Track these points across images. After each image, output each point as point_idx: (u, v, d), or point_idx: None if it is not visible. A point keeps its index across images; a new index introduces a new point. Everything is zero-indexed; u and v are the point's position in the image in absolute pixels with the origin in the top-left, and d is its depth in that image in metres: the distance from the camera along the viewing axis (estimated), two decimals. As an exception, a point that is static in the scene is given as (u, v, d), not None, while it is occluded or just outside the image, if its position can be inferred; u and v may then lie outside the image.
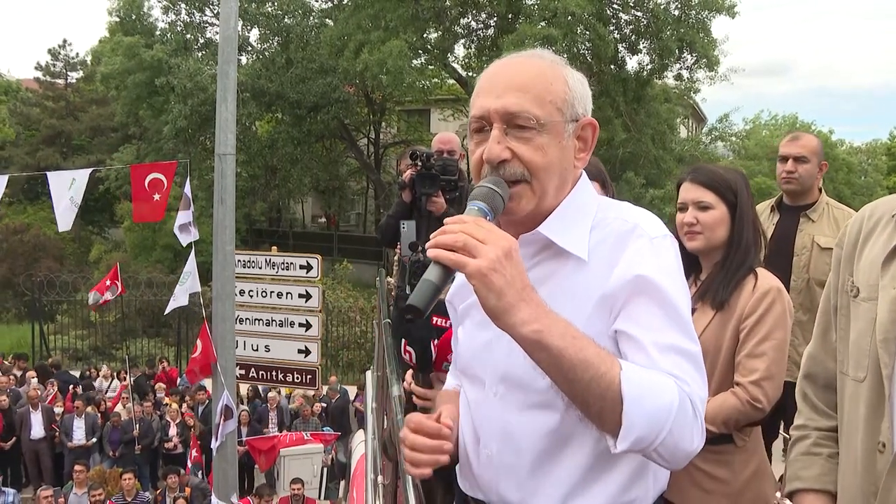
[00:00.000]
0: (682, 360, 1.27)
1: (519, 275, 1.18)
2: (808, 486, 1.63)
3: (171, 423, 11.67)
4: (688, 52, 24.48)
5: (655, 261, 1.33)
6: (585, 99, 1.44)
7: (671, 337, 1.28)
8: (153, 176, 7.42)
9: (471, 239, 1.18)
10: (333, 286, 20.56)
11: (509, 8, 24.02)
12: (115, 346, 19.37)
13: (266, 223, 34.97)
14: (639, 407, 1.19)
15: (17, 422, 11.47)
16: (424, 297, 1.20)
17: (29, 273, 20.37)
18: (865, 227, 1.58)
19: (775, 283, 2.32)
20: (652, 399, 1.20)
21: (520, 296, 1.18)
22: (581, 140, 1.44)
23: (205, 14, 29.55)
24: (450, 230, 1.20)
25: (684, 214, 2.41)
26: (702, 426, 1.25)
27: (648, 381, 1.21)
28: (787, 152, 3.66)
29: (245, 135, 26.50)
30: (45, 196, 28.69)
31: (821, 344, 1.69)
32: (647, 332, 1.28)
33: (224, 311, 7.34)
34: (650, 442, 1.20)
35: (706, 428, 2.19)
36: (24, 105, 36.72)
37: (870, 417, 1.47)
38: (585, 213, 1.43)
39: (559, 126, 1.38)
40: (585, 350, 1.19)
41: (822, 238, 3.53)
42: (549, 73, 1.39)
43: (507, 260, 1.17)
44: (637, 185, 24.27)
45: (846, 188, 34.33)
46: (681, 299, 1.32)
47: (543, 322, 1.18)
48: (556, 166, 1.38)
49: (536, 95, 1.36)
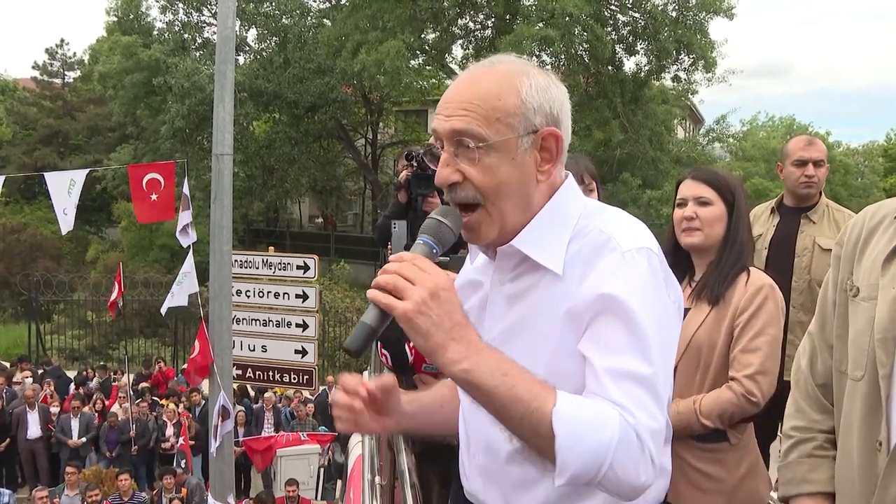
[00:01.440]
0: (636, 387, 1.21)
1: (447, 314, 1.18)
2: (819, 490, 1.62)
3: (167, 423, 11.65)
4: (685, 53, 24.52)
5: (625, 277, 1.26)
6: (547, 106, 1.34)
7: (628, 362, 1.22)
8: (151, 176, 7.42)
9: (400, 280, 1.19)
10: (330, 286, 20.55)
11: (507, 9, 24.03)
12: (112, 347, 19.35)
13: (263, 223, 34.95)
14: (572, 444, 1.16)
15: (13, 421, 11.44)
16: (357, 340, 1.22)
17: (26, 273, 20.32)
18: (867, 227, 1.59)
19: (767, 279, 2.36)
20: (587, 436, 1.16)
21: (448, 335, 1.18)
22: (545, 151, 1.35)
23: (202, 14, 29.53)
24: (387, 269, 1.21)
25: (683, 210, 2.44)
26: (650, 459, 1.19)
27: (585, 417, 1.18)
28: (808, 156, 3.65)
29: (242, 135, 26.49)
30: (41, 196, 28.73)
31: (820, 340, 1.69)
32: (603, 356, 1.24)
33: (221, 311, 7.34)
34: (590, 478, 1.18)
35: (703, 423, 2.24)
36: (21, 104, 36.67)
37: (867, 416, 1.48)
38: (564, 222, 1.36)
39: (510, 143, 1.31)
40: (516, 388, 1.18)
41: (823, 239, 3.54)
42: (498, 87, 1.32)
43: (433, 300, 1.17)
44: (634, 186, 24.29)
45: (843, 190, 34.36)
46: (648, 318, 1.24)
47: (472, 361, 1.17)
48: (509, 186, 1.33)
49: (482, 114, 1.30)
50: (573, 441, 1.16)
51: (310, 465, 10.95)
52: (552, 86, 1.36)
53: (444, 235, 1.32)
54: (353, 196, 35.50)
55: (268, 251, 10.82)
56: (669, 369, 1.31)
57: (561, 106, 1.37)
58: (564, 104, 1.38)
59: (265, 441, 11.08)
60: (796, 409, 1.74)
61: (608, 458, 1.16)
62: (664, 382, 1.25)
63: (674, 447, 2.27)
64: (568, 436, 1.16)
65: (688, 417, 2.26)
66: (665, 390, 1.26)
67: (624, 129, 24.23)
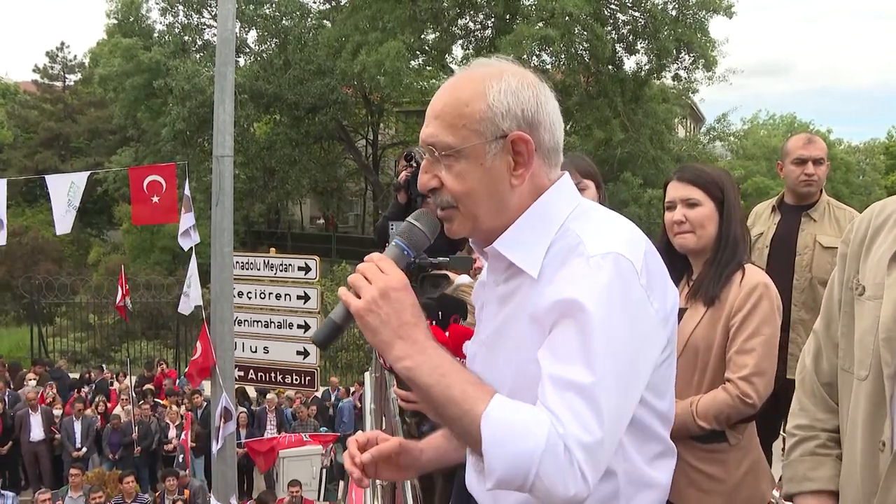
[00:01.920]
0: (575, 397, 1.18)
1: (396, 313, 1.24)
2: (822, 488, 1.61)
3: (170, 425, 11.66)
4: (685, 52, 24.55)
5: (586, 283, 1.22)
6: (518, 109, 1.31)
7: (573, 371, 1.19)
8: (152, 178, 7.43)
9: (360, 279, 1.27)
10: (332, 287, 20.54)
11: (507, 9, 24.05)
12: (114, 349, 19.37)
13: (264, 225, 34.99)
14: (497, 448, 1.17)
15: (16, 424, 11.46)
16: (321, 333, 1.32)
17: (28, 275, 20.34)
18: (873, 225, 1.57)
19: (762, 278, 2.33)
20: (512, 442, 1.17)
21: (396, 333, 1.23)
22: (518, 155, 1.32)
23: (202, 16, 29.57)
24: (357, 269, 1.29)
25: (673, 213, 2.41)
26: (580, 472, 1.16)
27: (514, 422, 1.18)
28: (807, 155, 3.64)
29: (243, 136, 26.52)
30: (43, 199, 28.70)
31: (825, 338, 1.69)
32: (551, 362, 1.22)
33: (222, 312, 7.34)
34: (518, 485, 1.17)
35: (699, 425, 2.23)
36: (21, 108, 36.75)
37: (871, 416, 1.47)
38: (547, 225, 1.34)
39: (478, 149, 1.31)
40: (452, 388, 1.20)
41: (823, 237, 3.53)
42: (467, 93, 1.32)
43: (382, 299, 1.24)
44: (635, 186, 24.32)
45: (844, 187, 34.37)
46: (601, 325, 1.20)
47: (415, 359, 1.22)
48: (479, 191, 1.32)
49: (449, 122, 1.31)
50: (498, 446, 1.17)
51: (312, 466, 10.95)
52: (525, 88, 1.33)
53: (415, 237, 1.37)
54: (354, 197, 35.55)
55: (269, 253, 10.82)
56: (632, 379, 1.25)
57: (536, 108, 1.33)
58: (543, 106, 1.35)
59: (267, 442, 11.09)
60: (800, 407, 1.73)
61: (534, 467, 1.15)
62: (609, 393, 1.20)
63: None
64: (493, 440, 1.17)
65: (685, 419, 2.24)
66: (608, 400, 1.19)
67: (624, 129, 24.25)
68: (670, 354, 1.37)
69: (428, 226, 1.38)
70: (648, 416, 1.35)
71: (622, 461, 1.33)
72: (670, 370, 1.38)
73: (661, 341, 1.31)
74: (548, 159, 1.36)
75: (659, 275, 1.31)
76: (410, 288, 1.28)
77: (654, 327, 1.29)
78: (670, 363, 1.38)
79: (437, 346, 1.26)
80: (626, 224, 1.36)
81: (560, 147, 1.39)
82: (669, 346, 1.36)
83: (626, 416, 1.26)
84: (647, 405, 1.33)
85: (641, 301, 1.26)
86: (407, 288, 1.27)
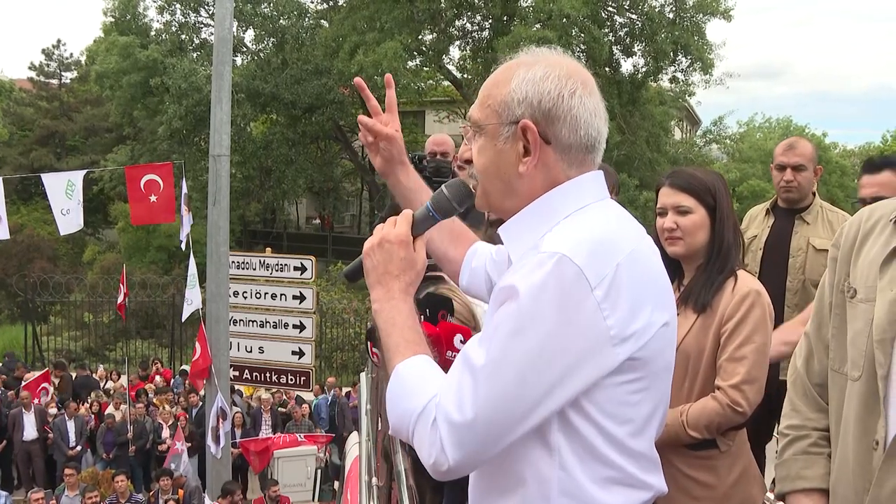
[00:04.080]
0: (465, 375, 1.23)
1: (382, 262, 1.40)
2: (814, 486, 1.64)
3: (163, 424, 11.64)
4: (682, 54, 24.57)
5: (522, 275, 1.23)
6: (536, 99, 1.31)
7: (475, 351, 1.24)
8: (148, 177, 7.43)
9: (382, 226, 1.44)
10: (328, 287, 20.56)
11: (504, 10, 24.07)
12: (109, 348, 19.32)
13: (260, 224, 34.95)
14: (392, 400, 1.31)
15: (10, 423, 11.43)
16: (351, 269, 1.51)
17: (22, 274, 20.26)
18: (863, 229, 1.60)
19: (755, 285, 2.32)
20: (401, 399, 1.30)
21: (378, 279, 1.41)
22: (528, 143, 1.33)
23: (200, 15, 29.50)
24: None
25: (664, 220, 2.40)
26: (441, 446, 1.21)
27: (408, 382, 1.30)
28: (786, 161, 3.66)
29: (239, 136, 26.46)
30: (38, 197, 28.67)
31: (816, 340, 1.70)
32: (473, 339, 1.29)
33: (218, 312, 7.35)
34: (404, 437, 1.29)
35: (690, 434, 2.23)
36: (17, 105, 36.62)
37: (863, 416, 1.49)
38: (547, 219, 1.33)
39: (494, 129, 1.35)
40: (391, 337, 1.36)
41: (816, 240, 3.56)
42: (501, 75, 1.38)
43: (377, 248, 1.41)
44: (631, 188, 24.34)
45: (839, 191, 34.42)
46: (516, 316, 1.21)
47: (381, 305, 1.39)
48: (491, 169, 1.38)
49: (482, 100, 1.39)
50: (394, 397, 1.31)
51: (307, 466, 10.94)
52: (549, 80, 1.32)
53: (441, 202, 1.46)
54: (351, 197, 35.52)
55: (265, 252, 10.82)
56: (538, 381, 1.21)
57: (556, 101, 1.31)
58: (566, 100, 1.32)
59: (262, 442, 11.06)
60: (792, 407, 1.76)
61: (410, 426, 1.27)
62: (496, 382, 1.20)
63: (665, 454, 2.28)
64: (391, 391, 1.32)
65: (675, 429, 2.24)
66: (492, 387, 1.20)
67: (621, 131, 24.27)
68: (637, 379, 1.28)
69: (454, 193, 1.45)
70: (596, 436, 1.27)
71: (556, 468, 1.28)
72: (638, 396, 1.29)
73: (610, 360, 1.23)
74: (566, 155, 1.34)
75: (634, 291, 1.24)
76: (407, 243, 1.41)
77: (599, 342, 1.22)
78: (638, 389, 1.28)
79: (405, 300, 1.39)
80: (610, 230, 1.30)
81: (593, 147, 1.36)
82: (639, 370, 1.27)
83: (519, 413, 1.22)
84: (596, 425, 1.27)
85: (585, 311, 1.21)
86: (402, 243, 1.40)
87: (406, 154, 1.91)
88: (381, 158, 1.82)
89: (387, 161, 1.82)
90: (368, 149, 1.82)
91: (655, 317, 1.28)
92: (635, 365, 1.26)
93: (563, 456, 1.28)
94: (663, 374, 1.35)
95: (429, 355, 1.34)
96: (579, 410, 1.26)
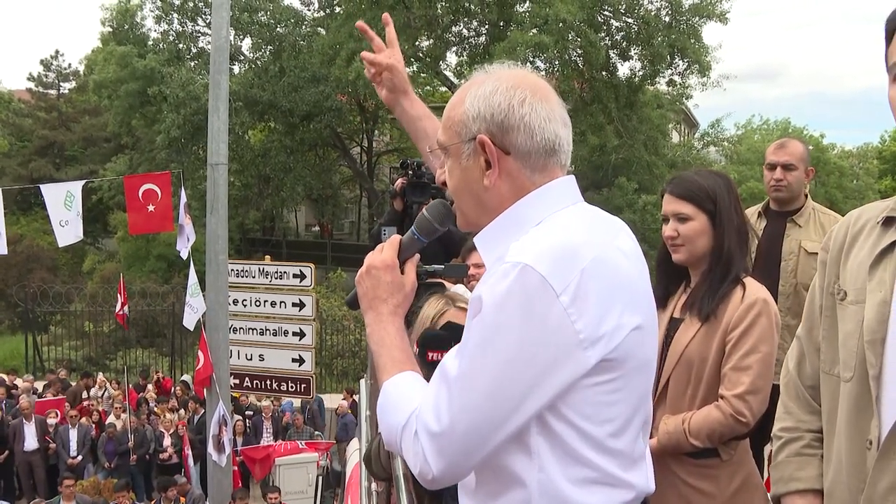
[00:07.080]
0: (442, 387, 1.28)
1: (372, 288, 1.49)
2: (808, 487, 1.65)
3: (164, 433, 11.64)
4: (679, 57, 24.58)
5: (488, 287, 1.26)
6: (488, 113, 1.34)
7: (450, 363, 1.29)
8: (147, 187, 7.44)
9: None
10: (327, 295, 20.53)
11: (501, 15, 24.11)
12: (110, 357, 19.28)
13: (259, 232, 34.92)
14: (382, 416, 1.39)
15: (10, 434, 11.41)
16: (351, 297, 1.58)
17: (22, 284, 20.25)
18: (851, 231, 1.61)
19: (763, 294, 2.30)
20: (389, 414, 1.37)
21: (368, 304, 1.49)
22: (489, 156, 1.35)
23: (197, 24, 29.54)
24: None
25: (666, 227, 2.41)
26: (424, 456, 1.26)
27: (395, 396, 1.37)
28: (775, 160, 3.66)
29: (238, 144, 26.46)
30: (37, 207, 28.67)
31: (807, 342, 1.72)
32: (451, 352, 1.33)
33: (217, 320, 7.36)
34: (396, 451, 1.35)
35: (692, 443, 2.24)
36: (16, 116, 36.67)
37: (856, 416, 1.50)
38: (517, 228, 1.35)
39: (457, 148, 1.39)
40: (380, 357, 1.44)
41: (808, 243, 3.53)
42: (457, 97, 1.42)
43: (366, 275, 1.50)
44: (630, 191, 24.37)
45: (838, 192, 34.42)
46: (489, 329, 1.24)
47: (373, 328, 1.48)
48: (460, 187, 1.42)
49: (444, 123, 1.44)
50: (383, 413, 1.39)
51: (308, 473, 10.91)
52: (498, 93, 1.35)
53: (423, 224, 1.52)
54: (349, 204, 35.51)
55: (264, 260, 10.82)
56: (509, 387, 1.23)
57: (508, 112, 1.34)
58: (517, 109, 1.34)
59: (263, 450, 11.05)
60: (785, 410, 1.77)
61: (398, 439, 1.33)
62: (468, 391, 1.24)
63: (666, 462, 2.28)
64: (381, 407, 1.39)
65: (677, 437, 2.24)
66: (465, 397, 1.24)
67: (619, 134, 24.29)
68: (612, 380, 1.28)
69: (434, 214, 1.51)
70: (575, 438, 1.28)
71: (536, 470, 1.29)
72: (614, 396, 1.29)
73: (582, 364, 1.24)
74: (528, 161, 1.36)
75: (601, 295, 1.25)
76: (393, 268, 1.49)
77: (569, 347, 1.23)
78: (613, 389, 1.29)
79: (393, 321, 1.47)
80: (575, 236, 1.30)
81: (552, 150, 1.37)
82: (613, 370, 1.28)
83: (496, 421, 1.24)
84: (574, 427, 1.28)
85: (552, 317, 1.22)
86: (387, 268, 1.49)
87: (409, 84, 2.06)
88: (386, 89, 1.94)
89: (391, 91, 1.96)
90: (374, 82, 1.93)
91: (626, 319, 1.28)
92: (609, 366, 1.27)
93: (542, 458, 1.29)
94: (639, 373, 1.34)
95: (416, 372, 1.41)
96: (556, 413, 1.27)
